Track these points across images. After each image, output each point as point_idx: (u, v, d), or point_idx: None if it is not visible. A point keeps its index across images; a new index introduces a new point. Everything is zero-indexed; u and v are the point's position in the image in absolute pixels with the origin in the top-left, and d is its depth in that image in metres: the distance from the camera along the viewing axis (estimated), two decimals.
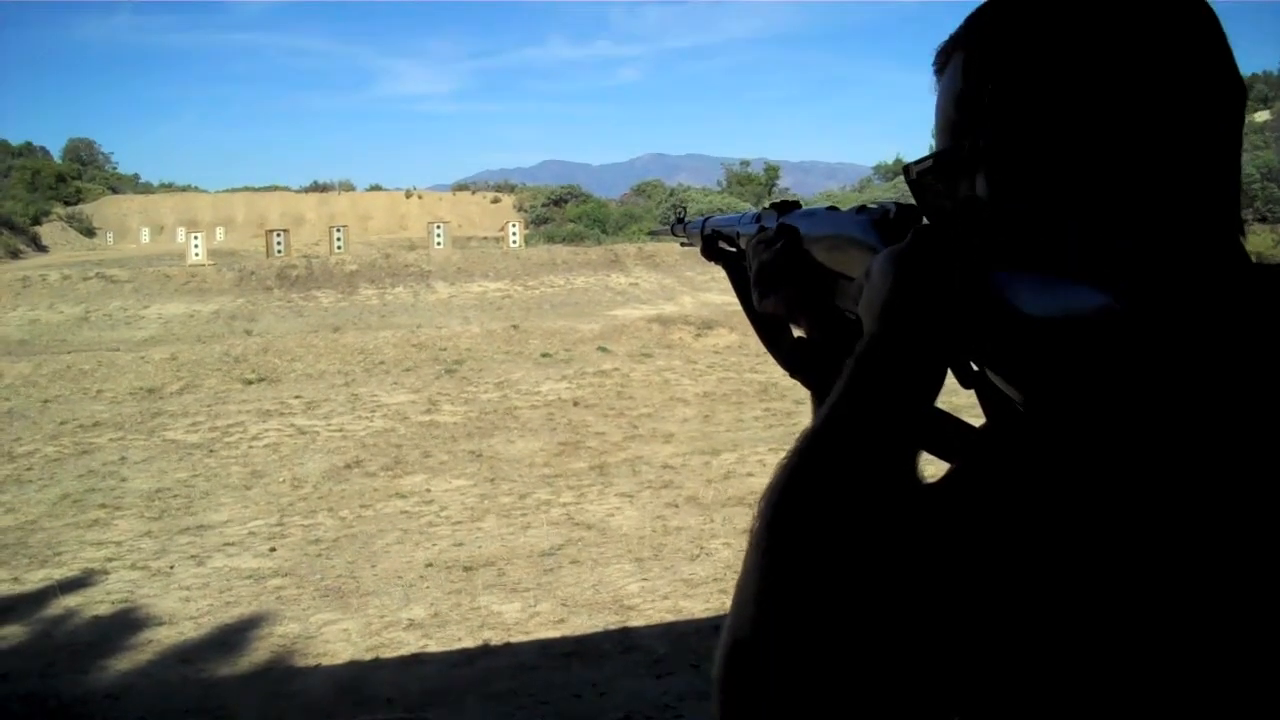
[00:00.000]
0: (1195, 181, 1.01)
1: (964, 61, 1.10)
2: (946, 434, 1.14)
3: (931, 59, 1.17)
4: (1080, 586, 0.82)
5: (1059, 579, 0.83)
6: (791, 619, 0.92)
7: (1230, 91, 1.03)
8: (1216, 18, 1.03)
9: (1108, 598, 0.81)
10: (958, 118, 1.10)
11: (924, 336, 1.01)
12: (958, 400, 1.09)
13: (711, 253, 1.89)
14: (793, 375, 1.50)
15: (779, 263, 1.46)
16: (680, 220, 2.27)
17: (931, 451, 1.10)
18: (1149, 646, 0.80)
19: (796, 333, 1.53)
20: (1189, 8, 1.02)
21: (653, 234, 2.59)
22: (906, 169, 1.16)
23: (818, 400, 1.39)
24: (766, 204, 1.66)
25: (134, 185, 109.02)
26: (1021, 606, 0.83)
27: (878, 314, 1.05)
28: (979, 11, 1.12)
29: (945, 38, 1.16)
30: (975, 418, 1.10)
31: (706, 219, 2.02)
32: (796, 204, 1.58)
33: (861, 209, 1.28)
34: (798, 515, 0.97)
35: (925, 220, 1.16)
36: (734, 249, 1.84)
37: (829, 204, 1.49)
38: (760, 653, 0.93)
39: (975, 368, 1.04)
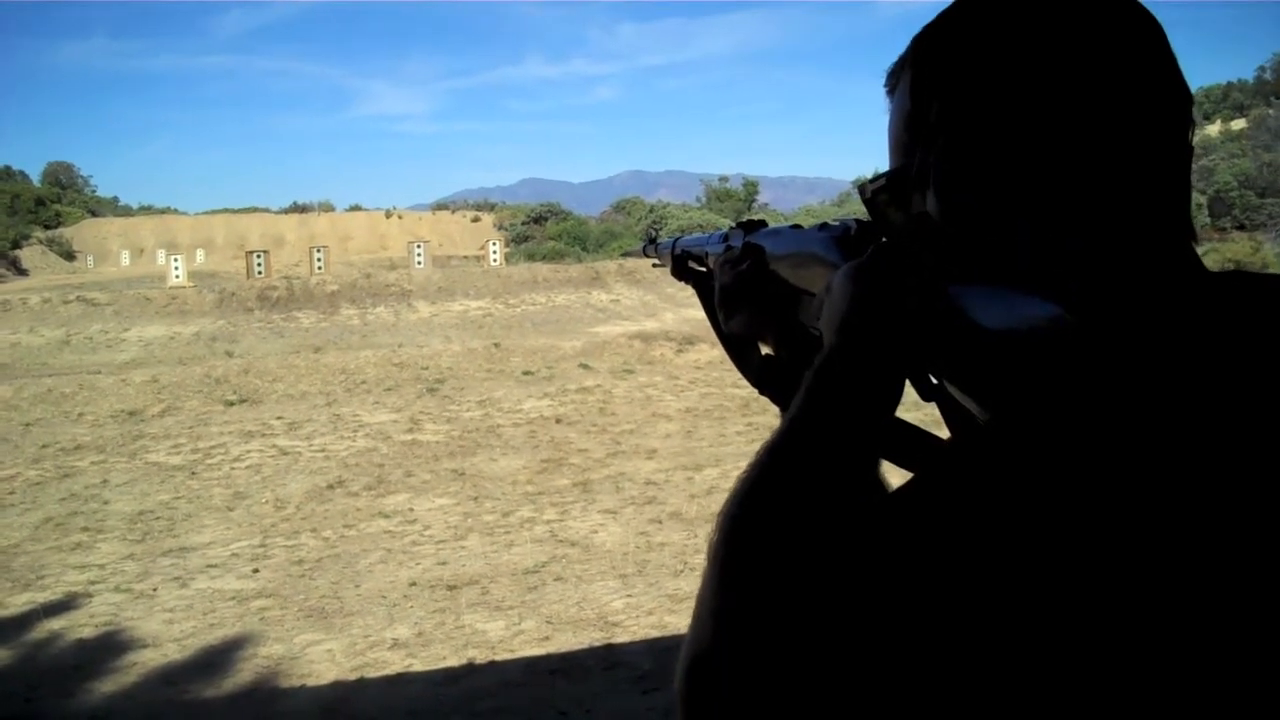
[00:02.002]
0: (1143, 188, 1.02)
1: (911, 81, 1.12)
2: (909, 444, 1.17)
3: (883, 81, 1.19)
4: (1038, 599, 0.81)
5: (1017, 592, 0.82)
6: (746, 633, 0.93)
7: (1175, 99, 1.05)
8: (1159, 26, 1.05)
9: (1066, 610, 0.80)
10: (907, 138, 1.12)
11: (881, 349, 1.04)
12: (930, 413, 1.11)
13: (681, 273, 1.91)
14: (761, 392, 1.51)
15: (743, 282, 1.49)
16: (653, 241, 2.28)
17: (894, 462, 1.12)
18: (1105, 658, 0.79)
19: (765, 350, 1.54)
20: (1130, 18, 1.04)
21: (626, 254, 2.63)
22: (862, 188, 1.18)
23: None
24: (736, 222, 1.68)
25: (113, 208, 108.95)
26: (980, 618, 0.83)
27: (836, 327, 1.08)
28: (923, 32, 1.14)
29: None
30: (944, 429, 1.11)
31: (677, 239, 2.03)
32: (763, 223, 1.60)
33: (824, 226, 1.32)
34: (754, 528, 0.99)
35: (884, 238, 1.18)
36: (703, 269, 1.85)
37: (798, 221, 1.50)
38: (717, 666, 0.94)
39: (934, 380, 1.06)
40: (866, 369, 1.03)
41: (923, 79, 1.10)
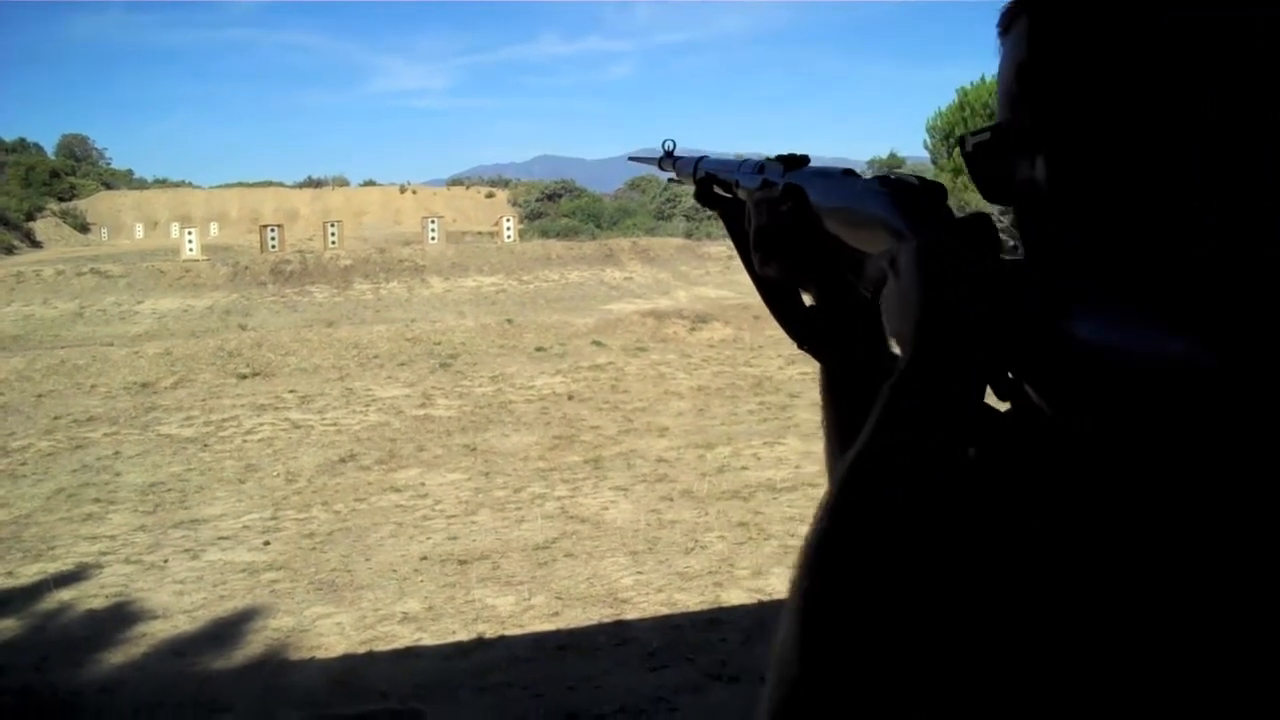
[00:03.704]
0: None
1: (1029, 27, 0.99)
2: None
3: (997, 22, 1.04)
4: (1096, 605, 0.79)
5: (1076, 590, 0.80)
6: (843, 669, 0.84)
7: None
8: None
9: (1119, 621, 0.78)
10: (1019, 90, 1.00)
11: (966, 358, 0.93)
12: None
13: (706, 198, 1.74)
14: (800, 346, 1.40)
15: (784, 228, 1.34)
16: (670, 154, 2.06)
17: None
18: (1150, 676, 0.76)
19: (805, 299, 1.42)
20: None
21: (632, 158, 2.33)
22: (962, 140, 1.07)
23: (826, 375, 1.34)
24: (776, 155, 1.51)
25: (128, 181, 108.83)
26: (1030, 613, 0.81)
27: (912, 330, 0.97)
28: None
29: None
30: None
31: (700, 159, 1.86)
32: (805, 159, 1.45)
33: (884, 181, 1.15)
34: (847, 561, 0.89)
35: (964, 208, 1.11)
36: (730, 195, 1.68)
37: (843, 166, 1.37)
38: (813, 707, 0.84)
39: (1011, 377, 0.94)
40: (952, 383, 0.93)
41: (1045, 26, 0.98)
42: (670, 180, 2.07)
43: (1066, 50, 0.95)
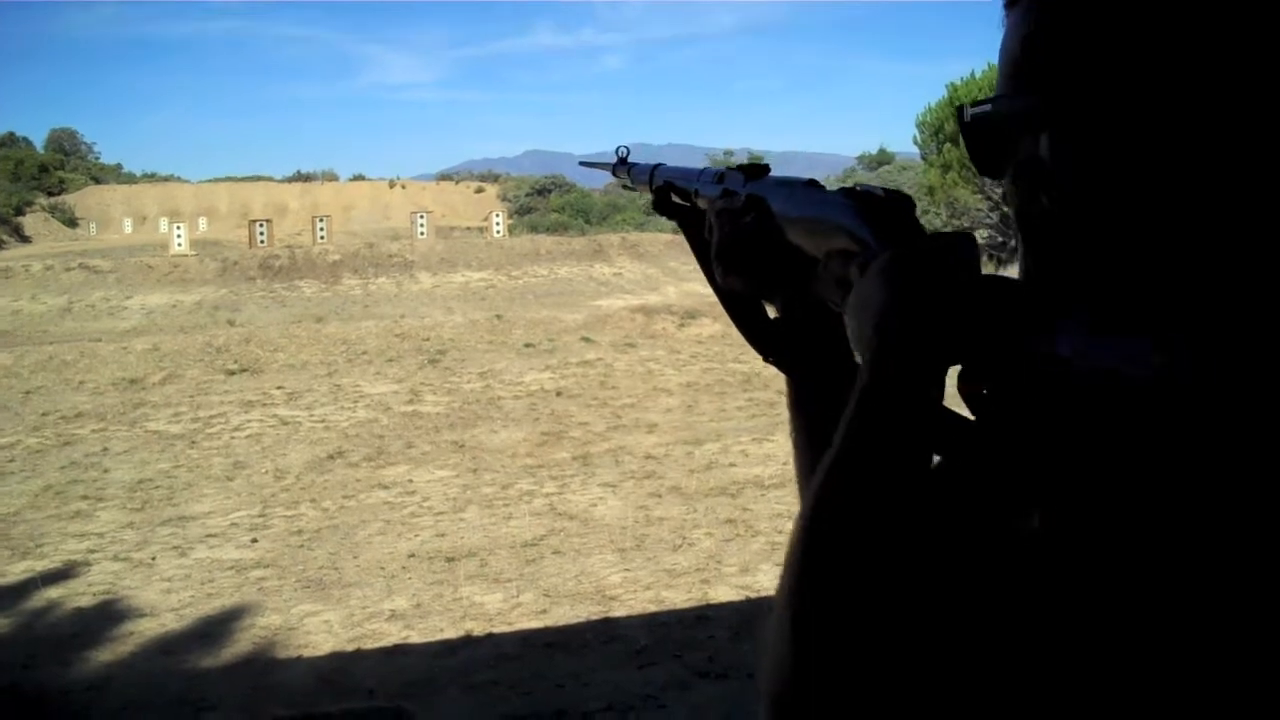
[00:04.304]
0: None
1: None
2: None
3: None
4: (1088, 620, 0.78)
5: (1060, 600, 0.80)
6: (831, 676, 0.87)
7: None
8: None
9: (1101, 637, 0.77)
10: (1025, 63, 0.97)
11: (930, 376, 0.93)
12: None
13: (663, 207, 1.67)
14: (764, 359, 1.37)
15: (746, 240, 1.31)
16: (624, 161, 1.95)
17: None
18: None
19: (770, 312, 1.39)
20: None
21: (584, 164, 2.18)
22: (960, 109, 1.04)
23: (792, 387, 1.32)
24: (736, 165, 1.46)
25: (117, 175, 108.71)
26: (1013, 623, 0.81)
27: (874, 348, 0.95)
28: None
29: None
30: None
31: (656, 166, 1.80)
32: (766, 168, 1.41)
33: (849, 192, 1.12)
34: (826, 569, 0.90)
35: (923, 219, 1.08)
36: (688, 204, 1.63)
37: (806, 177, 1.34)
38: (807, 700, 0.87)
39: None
40: (911, 393, 0.93)
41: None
42: (625, 187, 1.99)
43: (1077, 24, 0.92)
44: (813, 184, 1.25)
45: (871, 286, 0.98)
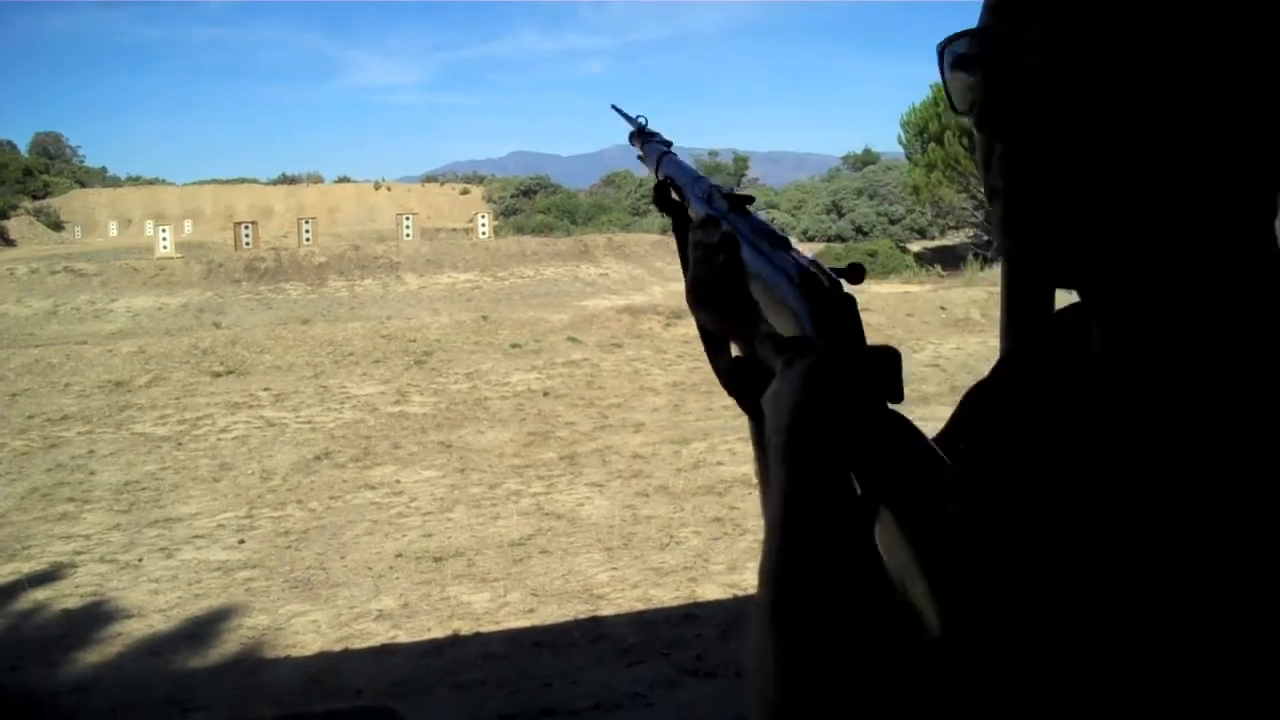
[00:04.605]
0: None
1: None
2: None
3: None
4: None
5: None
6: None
7: None
8: None
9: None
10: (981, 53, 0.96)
11: (830, 483, 0.96)
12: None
13: (662, 201, 1.67)
14: (729, 393, 1.33)
15: (714, 279, 1.32)
16: (642, 131, 1.91)
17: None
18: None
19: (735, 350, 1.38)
20: None
21: (615, 108, 2.01)
22: (941, 51, 1.01)
23: (754, 425, 1.30)
24: (724, 191, 1.45)
25: (101, 179, 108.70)
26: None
27: (779, 452, 1.00)
28: None
29: None
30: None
31: (664, 154, 1.75)
32: (749, 200, 1.39)
33: (805, 273, 1.12)
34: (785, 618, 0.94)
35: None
36: (684, 203, 1.62)
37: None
38: None
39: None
40: (821, 497, 0.96)
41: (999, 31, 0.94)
42: (637, 156, 1.94)
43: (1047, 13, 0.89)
44: (784, 242, 1.24)
45: (790, 385, 1.02)
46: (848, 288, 1.10)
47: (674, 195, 1.65)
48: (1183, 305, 0.89)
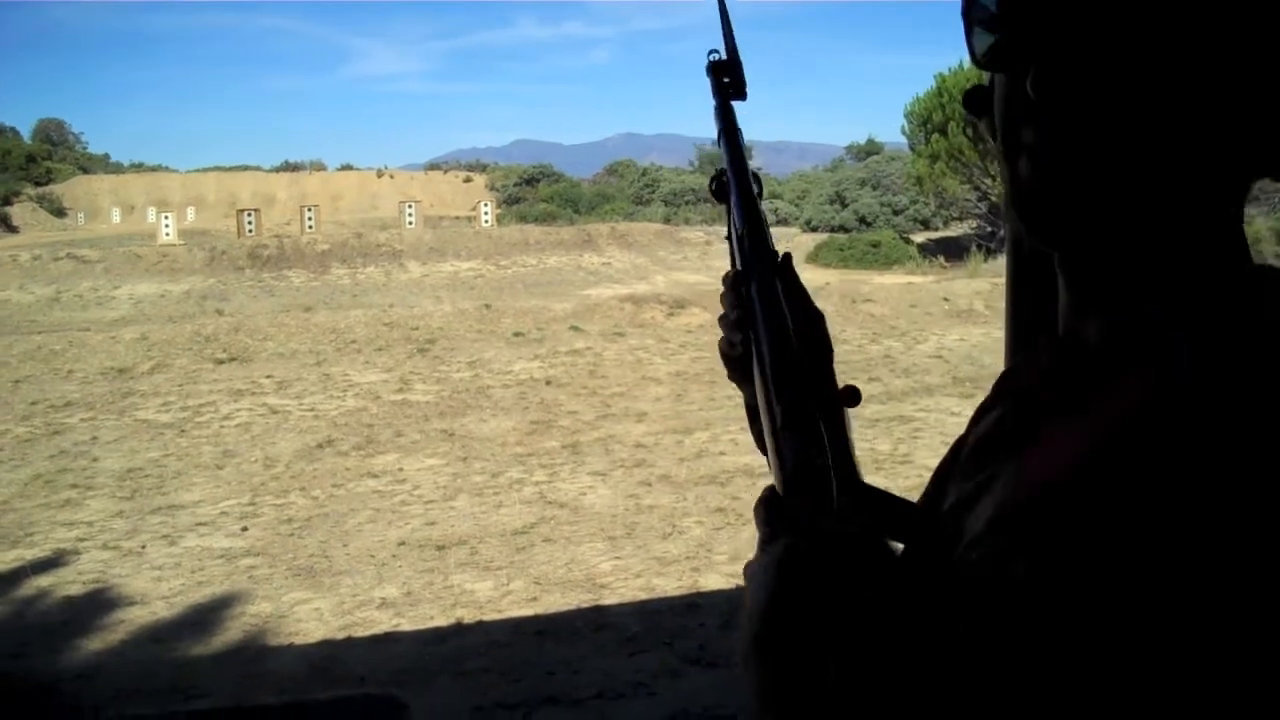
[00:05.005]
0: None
1: None
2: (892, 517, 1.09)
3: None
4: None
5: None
6: None
7: None
8: None
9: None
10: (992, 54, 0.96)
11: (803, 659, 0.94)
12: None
13: (718, 191, 1.53)
14: (760, 449, 1.27)
15: (731, 360, 1.35)
16: (714, 67, 1.63)
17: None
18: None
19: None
20: None
21: (710, 54, 1.74)
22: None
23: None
24: (753, 236, 1.37)
25: (104, 165, 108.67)
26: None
27: (746, 640, 1.00)
28: None
29: None
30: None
31: (724, 129, 1.59)
32: (778, 262, 1.33)
33: (790, 403, 1.10)
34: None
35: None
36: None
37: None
38: None
39: None
40: (791, 668, 0.94)
41: None
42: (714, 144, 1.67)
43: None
44: (780, 330, 1.20)
45: (761, 574, 1.02)
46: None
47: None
48: (1182, 305, 0.89)
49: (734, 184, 1.48)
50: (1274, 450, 0.75)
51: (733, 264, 1.39)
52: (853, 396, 1.14)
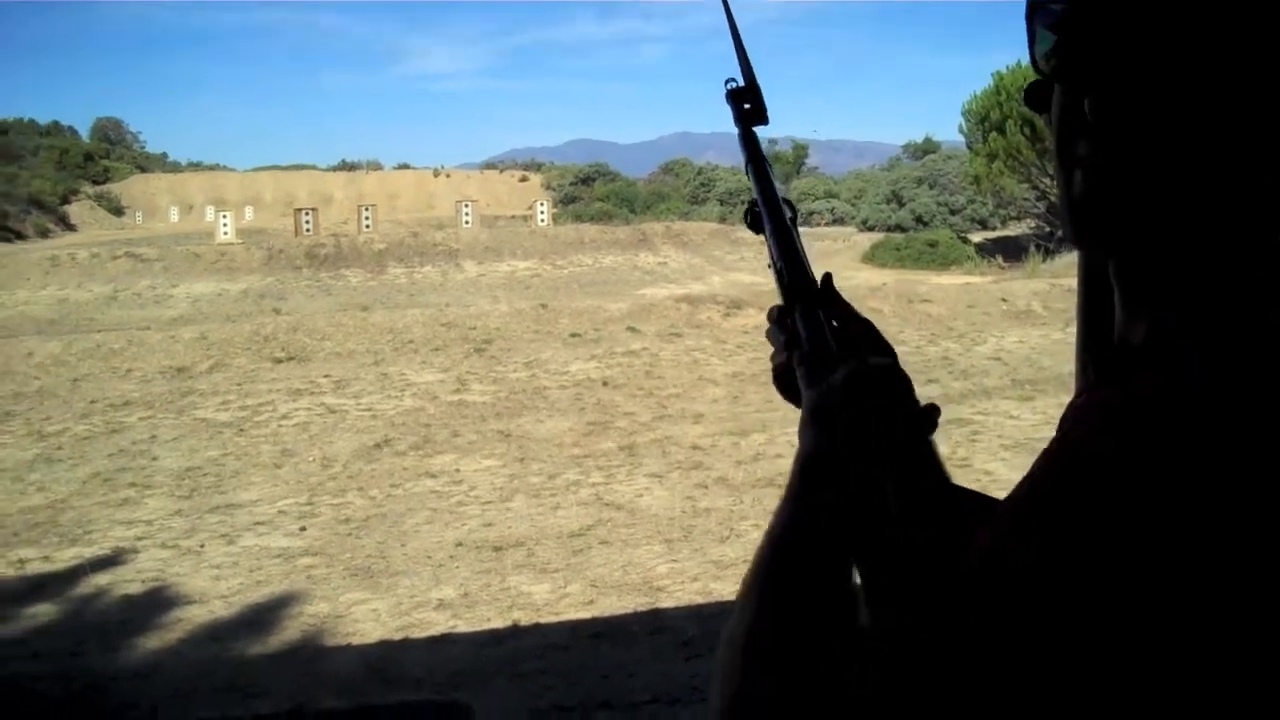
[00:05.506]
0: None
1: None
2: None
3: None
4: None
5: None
6: None
7: None
8: None
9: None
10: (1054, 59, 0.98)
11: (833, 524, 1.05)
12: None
13: (754, 223, 1.55)
14: None
15: (784, 389, 1.42)
16: (733, 95, 1.67)
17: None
18: None
19: None
20: None
21: (730, 93, 1.66)
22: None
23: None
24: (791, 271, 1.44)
25: (162, 164, 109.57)
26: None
27: (792, 492, 1.10)
28: None
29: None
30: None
31: (751, 162, 1.61)
32: (812, 288, 1.41)
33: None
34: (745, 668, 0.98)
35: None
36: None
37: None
38: None
39: None
40: (820, 540, 1.05)
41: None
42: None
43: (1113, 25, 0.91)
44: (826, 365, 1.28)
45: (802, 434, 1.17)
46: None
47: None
48: (1194, 312, 0.91)
49: (766, 215, 1.51)
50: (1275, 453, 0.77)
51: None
52: (930, 416, 1.31)
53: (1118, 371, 0.96)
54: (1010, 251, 40.96)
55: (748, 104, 1.64)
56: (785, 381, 1.38)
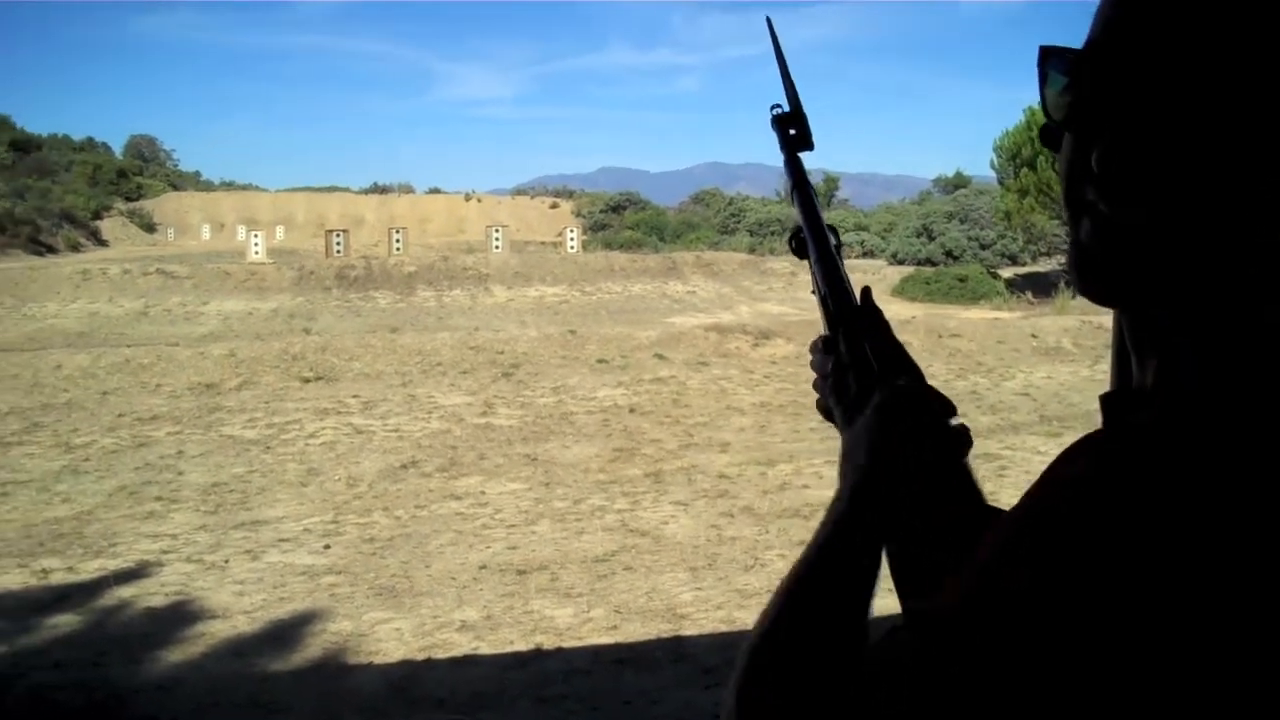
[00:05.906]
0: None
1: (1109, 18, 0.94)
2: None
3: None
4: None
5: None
6: None
7: None
8: None
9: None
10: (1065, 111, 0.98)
11: (885, 519, 1.16)
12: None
13: (798, 248, 1.62)
14: None
15: (828, 414, 1.52)
16: (779, 122, 1.66)
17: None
18: None
19: None
20: None
21: (775, 119, 1.65)
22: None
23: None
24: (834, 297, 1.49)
25: (195, 182, 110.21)
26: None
27: (850, 485, 1.21)
28: None
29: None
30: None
31: (796, 188, 1.65)
32: (858, 315, 1.45)
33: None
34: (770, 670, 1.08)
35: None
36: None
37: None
38: None
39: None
40: (872, 535, 1.15)
41: (1103, 38, 0.94)
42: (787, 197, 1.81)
43: (1120, 65, 0.91)
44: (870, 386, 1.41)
45: (856, 434, 1.28)
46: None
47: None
48: (1189, 311, 0.91)
49: (811, 242, 1.55)
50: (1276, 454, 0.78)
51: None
52: (962, 438, 1.39)
53: (1118, 413, 0.98)
54: (1040, 287, 40.86)
55: (793, 130, 1.64)
56: (829, 406, 1.46)
